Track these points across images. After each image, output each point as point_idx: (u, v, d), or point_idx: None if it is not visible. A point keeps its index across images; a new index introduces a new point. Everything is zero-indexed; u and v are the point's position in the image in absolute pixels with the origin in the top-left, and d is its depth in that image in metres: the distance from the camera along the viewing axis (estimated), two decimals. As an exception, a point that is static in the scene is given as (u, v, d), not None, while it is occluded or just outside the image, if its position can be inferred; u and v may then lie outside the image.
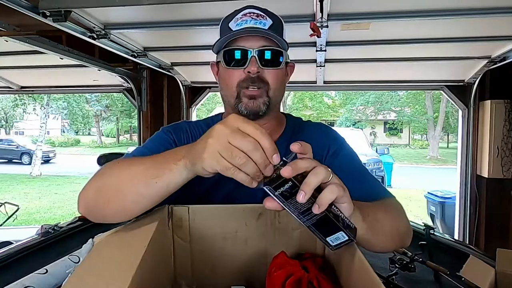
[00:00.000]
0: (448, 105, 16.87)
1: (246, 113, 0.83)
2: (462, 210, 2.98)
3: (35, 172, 12.55)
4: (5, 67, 3.00)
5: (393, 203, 0.79)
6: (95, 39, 1.78)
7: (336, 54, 2.29)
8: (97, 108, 22.27)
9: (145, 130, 3.25)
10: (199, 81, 3.15)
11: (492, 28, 1.84)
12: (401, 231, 0.74)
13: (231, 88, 0.84)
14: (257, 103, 0.82)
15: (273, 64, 0.83)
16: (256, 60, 0.80)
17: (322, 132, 0.94)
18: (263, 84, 0.82)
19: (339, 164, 0.85)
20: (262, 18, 0.82)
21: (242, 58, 0.81)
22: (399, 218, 0.75)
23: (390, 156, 11.24)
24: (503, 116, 2.70)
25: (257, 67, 0.80)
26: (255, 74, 0.81)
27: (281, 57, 0.83)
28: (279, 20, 0.86)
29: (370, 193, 0.77)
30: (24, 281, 1.00)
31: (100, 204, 0.65)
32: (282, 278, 0.59)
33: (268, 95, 0.83)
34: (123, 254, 0.53)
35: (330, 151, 0.89)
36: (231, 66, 0.83)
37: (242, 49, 0.81)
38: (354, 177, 0.81)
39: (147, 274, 0.51)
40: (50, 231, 1.47)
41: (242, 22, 0.81)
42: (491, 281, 1.04)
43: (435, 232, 1.53)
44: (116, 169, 0.66)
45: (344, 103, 22.10)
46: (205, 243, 0.71)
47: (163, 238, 0.67)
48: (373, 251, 0.70)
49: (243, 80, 0.82)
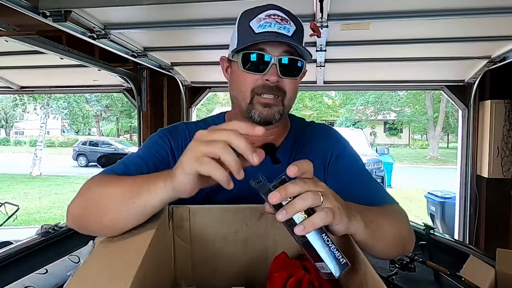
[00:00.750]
0: (448, 105, 16.88)
1: (259, 120, 0.80)
2: (462, 210, 2.98)
3: (35, 172, 12.55)
4: (5, 67, 3.00)
5: (396, 209, 0.78)
6: (95, 39, 1.78)
7: (336, 54, 2.29)
8: (97, 108, 22.28)
9: (145, 130, 3.25)
10: (199, 81, 3.15)
11: (492, 28, 1.84)
12: (404, 238, 0.74)
13: (244, 92, 0.80)
14: (272, 112, 0.80)
15: (293, 73, 0.79)
16: (276, 69, 0.77)
17: (326, 135, 0.93)
18: (280, 93, 0.79)
19: (342, 168, 0.84)
20: (286, 22, 0.78)
21: (262, 64, 0.77)
22: (401, 224, 0.74)
23: (390, 156, 11.24)
24: (503, 116, 2.70)
25: (277, 77, 0.77)
26: (274, 83, 0.78)
27: (301, 67, 0.81)
28: (301, 25, 0.82)
29: (373, 198, 0.76)
30: (24, 281, 1.00)
31: (85, 220, 0.65)
32: (283, 278, 0.59)
33: (283, 104, 0.81)
34: (124, 255, 0.53)
35: (333, 154, 0.88)
36: (249, 69, 0.79)
37: (264, 54, 0.77)
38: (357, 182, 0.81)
39: (148, 275, 0.51)
40: (50, 231, 1.47)
41: (265, 24, 0.76)
42: (491, 281, 1.04)
43: (435, 232, 1.53)
44: (99, 187, 0.66)
45: (344, 103, 22.11)
46: (205, 243, 0.71)
47: (163, 238, 0.67)
48: (375, 257, 0.69)
49: (259, 87, 0.79)
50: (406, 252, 0.77)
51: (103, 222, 0.62)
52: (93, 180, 0.69)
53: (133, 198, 0.59)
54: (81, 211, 0.66)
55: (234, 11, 1.56)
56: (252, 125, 0.52)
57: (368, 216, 0.62)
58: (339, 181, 0.81)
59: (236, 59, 0.81)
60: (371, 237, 0.61)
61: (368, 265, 0.51)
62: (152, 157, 0.81)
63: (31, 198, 9.07)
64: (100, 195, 0.64)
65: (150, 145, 0.85)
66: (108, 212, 0.61)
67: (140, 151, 0.83)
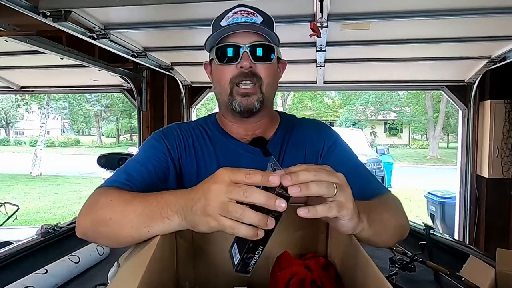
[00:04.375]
0: (448, 105, 16.86)
1: (240, 110, 0.83)
2: (462, 210, 2.98)
3: (35, 172, 12.55)
4: (5, 67, 3.00)
5: (391, 199, 0.80)
6: (95, 39, 1.78)
7: (336, 54, 2.29)
8: (97, 108, 22.28)
9: (145, 130, 3.25)
10: (199, 81, 3.16)
11: (492, 28, 1.84)
12: (402, 226, 0.76)
13: (224, 85, 0.84)
14: (251, 100, 0.82)
15: (265, 59, 0.83)
16: (248, 55, 0.80)
17: (316, 129, 0.94)
18: (256, 79, 0.82)
19: (334, 160, 0.86)
20: (253, 15, 0.82)
21: (235, 54, 0.81)
22: (399, 214, 0.77)
23: (390, 156, 11.23)
24: (503, 116, 2.70)
25: (250, 62, 0.80)
26: (248, 69, 0.81)
27: (272, 52, 0.84)
28: (270, 17, 0.86)
29: (367, 189, 0.79)
30: (24, 281, 1.00)
31: (95, 235, 0.69)
32: (285, 278, 0.59)
33: (262, 91, 0.83)
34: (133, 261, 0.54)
35: (325, 148, 0.90)
36: (224, 62, 0.83)
37: (234, 45, 0.81)
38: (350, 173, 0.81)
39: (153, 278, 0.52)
40: (50, 231, 1.46)
41: (233, 20, 0.81)
42: (491, 281, 1.04)
43: (435, 232, 1.53)
44: (110, 206, 0.66)
45: (344, 103, 22.09)
46: (207, 244, 0.71)
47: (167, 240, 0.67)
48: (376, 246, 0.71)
49: (235, 76, 0.82)
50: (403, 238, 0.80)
51: (113, 241, 0.66)
52: (101, 193, 0.70)
53: (147, 227, 0.59)
54: (91, 227, 0.67)
55: (234, 11, 1.56)
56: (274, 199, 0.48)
57: (372, 216, 0.63)
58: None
59: (212, 57, 0.87)
60: (374, 235, 0.63)
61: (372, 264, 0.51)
62: (151, 160, 0.82)
63: (31, 198, 9.06)
64: (111, 217, 0.64)
65: (148, 149, 0.86)
66: (120, 235, 0.63)
67: (139, 156, 0.84)
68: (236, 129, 0.91)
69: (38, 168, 12.67)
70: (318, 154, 0.89)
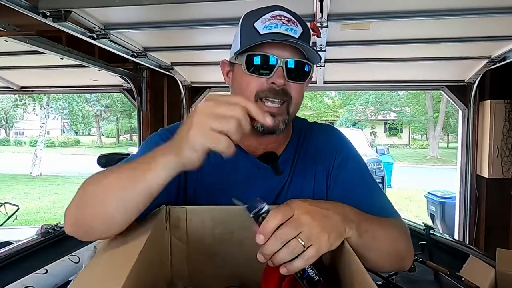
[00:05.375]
0: (448, 105, 16.86)
1: (263, 130, 0.75)
2: (462, 210, 2.98)
3: (35, 172, 12.54)
4: (5, 67, 3.00)
5: (397, 223, 0.75)
6: (95, 39, 1.78)
7: (336, 54, 2.28)
8: (97, 108, 22.28)
9: (145, 130, 3.25)
10: (199, 81, 3.15)
11: (492, 28, 1.84)
12: (400, 253, 0.72)
13: (249, 97, 0.74)
14: (276, 121, 0.74)
15: (300, 78, 0.75)
16: (283, 72, 0.72)
17: (329, 140, 0.88)
18: (286, 97, 0.75)
19: (346, 176, 0.82)
20: (293, 24, 0.74)
21: (268, 66, 0.73)
22: (399, 239, 0.72)
23: (390, 156, 11.23)
24: (503, 116, 2.70)
25: (284, 80, 0.73)
26: (281, 86, 0.73)
27: (310, 72, 0.77)
28: (308, 28, 0.78)
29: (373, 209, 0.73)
30: (24, 281, 1.00)
31: (85, 217, 0.61)
32: (278, 278, 0.59)
33: (288, 111, 0.76)
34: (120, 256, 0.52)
35: (336, 161, 0.84)
36: (254, 72, 0.74)
37: (270, 57, 0.72)
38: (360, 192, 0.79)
39: (142, 275, 0.52)
40: (50, 231, 1.47)
41: (271, 25, 0.72)
42: (491, 281, 1.04)
43: (435, 232, 1.53)
44: (95, 182, 0.62)
45: (344, 103, 22.07)
46: (202, 243, 0.71)
47: (160, 238, 0.67)
48: (370, 269, 0.67)
49: (263, 90, 0.74)
50: (402, 268, 0.75)
51: (106, 212, 0.58)
52: (87, 180, 0.65)
53: (135, 181, 0.56)
54: (79, 210, 0.62)
55: (235, 11, 1.56)
56: (263, 112, 0.53)
57: (363, 227, 0.62)
58: (342, 191, 0.80)
59: (239, 62, 0.76)
60: (363, 247, 0.61)
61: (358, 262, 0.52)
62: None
63: (31, 198, 9.07)
64: (98, 186, 0.61)
65: (151, 144, 0.82)
66: (108, 204, 0.58)
67: (141, 152, 0.80)
68: (248, 141, 0.83)
69: (38, 168, 12.67)
70: (328, 170, 0.84)
